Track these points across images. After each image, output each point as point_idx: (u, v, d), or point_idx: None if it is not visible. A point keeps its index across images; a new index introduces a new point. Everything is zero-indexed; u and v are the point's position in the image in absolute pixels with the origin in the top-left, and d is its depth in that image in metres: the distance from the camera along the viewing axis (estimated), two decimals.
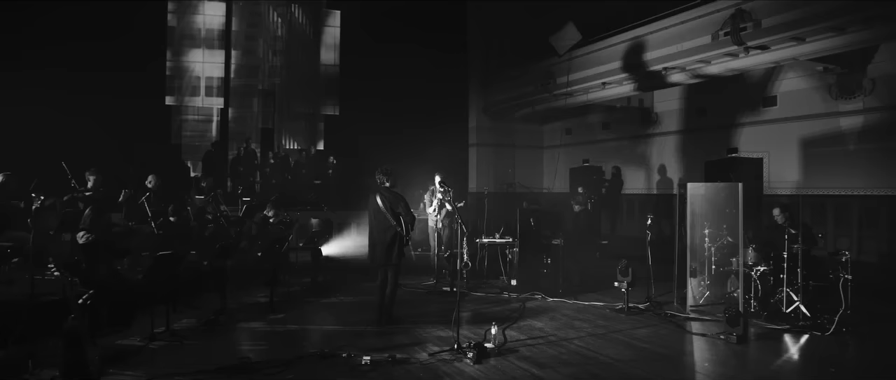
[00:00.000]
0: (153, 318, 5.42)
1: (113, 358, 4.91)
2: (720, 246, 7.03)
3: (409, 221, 6.23)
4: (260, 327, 6.07)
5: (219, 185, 12.56)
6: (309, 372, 4.70)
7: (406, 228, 6.22)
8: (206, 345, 5.39)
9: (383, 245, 6.20)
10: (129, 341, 5.36)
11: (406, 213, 6.22)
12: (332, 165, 14.95)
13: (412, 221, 6.30)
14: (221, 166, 14.00)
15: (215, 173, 13.52)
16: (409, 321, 6.40)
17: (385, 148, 15.06)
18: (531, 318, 6.61)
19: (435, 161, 15.47)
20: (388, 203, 6.21)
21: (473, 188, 17.47)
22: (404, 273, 8.51)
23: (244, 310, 6.83)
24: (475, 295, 7.96)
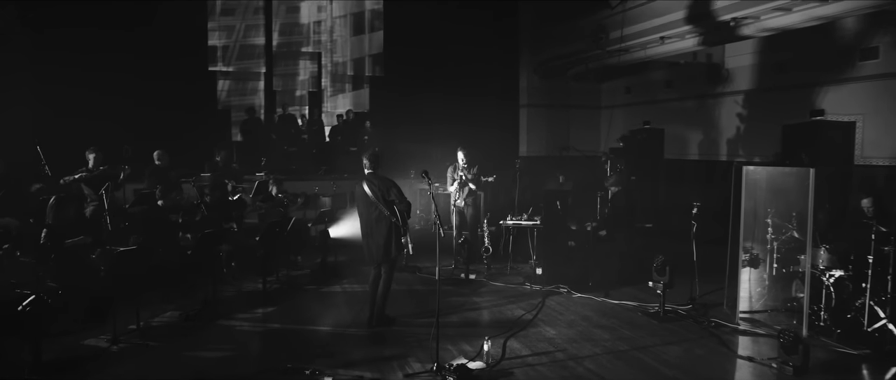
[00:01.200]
0: (138, 313, 5.07)
1: (64, 363, 4.55)
2: (786, 240, 5.73)
3: (404, 209, 5.43)
4: (238, 325, 5.58)
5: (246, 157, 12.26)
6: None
7: (401, 218, 5.43)
8: (169, 349, 4.93)
9: (378, 238, 5.46)
10: (96, 341, 4.98)
11: (400, 200, 5.42)
12: (367, 130, 14.34)
13: (408, 209, 5.50)
14: (259, 135, 13.71)
15: (248, 142, 13.28)
16: (404, 321, 5.71)
17: (431, 111, 14.32)
18: (545, 322, 5.71)
19: (483, 123, 14.66)
20: (378, 191, 5.43)
21: (524, 152, 16.45)
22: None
23: (237, 300, 6.40)
24: (494, 285, 7.13)
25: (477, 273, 7.63)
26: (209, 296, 6.00)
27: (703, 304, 6.07)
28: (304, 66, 19.70)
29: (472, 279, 7.37)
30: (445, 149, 13.47)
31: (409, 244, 5.40)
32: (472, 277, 7.44)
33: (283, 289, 6.86)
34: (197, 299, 5.99)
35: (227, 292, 6.64)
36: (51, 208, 5.29)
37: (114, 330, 4.95)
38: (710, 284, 6.19)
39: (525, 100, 16.46)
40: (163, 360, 4.72)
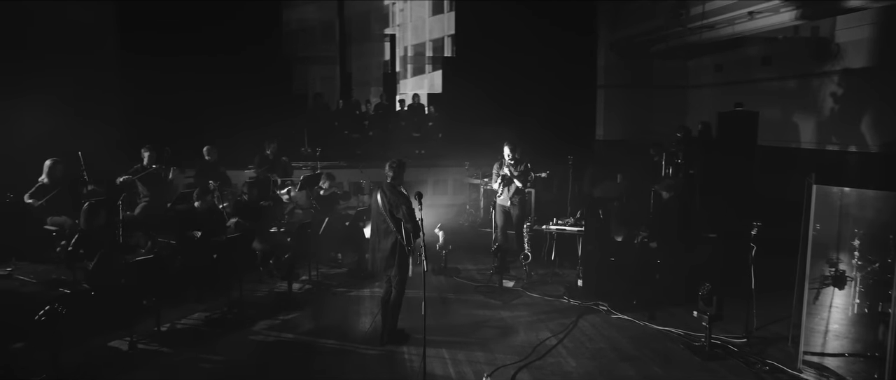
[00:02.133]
0: (157, 316, 5.27)
1: (83, 367, 4.77)
2: (871, 272, 4.70)
3: (410, 229, 5.12)
4: (255, 333, 5.58)
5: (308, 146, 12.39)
6: None
7: (406, 237, 5.13)
8: (181, 358, 5.02)
9: (382, 253, 5.23)
10: (119, 343, 5.19)
11: (407, 219, 5.11)
12: (432, 115, 14.07)
13: (415, 230, 5.17)
14: (324, 121, 13.88)
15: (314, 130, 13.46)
16: (416, 340, 5.41)
17: (504, 93, 13.75)
18: (569, 350, 5.18)
19: (557, 106, 13.87)
20: (387, 205, 5.15)
21: (601, 135, 15.44)
22: (465, 257, 7.51)
23: (265, 302, 6.45)
24: (529, 297, 6.63)
25: (517, 280, 7.17)
26: (234, 299, 6.08)
27: (763, 338, 5.22)
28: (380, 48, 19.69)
29: (510, 288, 6.92)
30: (518, 132, 12.97)
31: (424, 262, 5.02)
32: (509, 285, 7.00)
33: (313, 291, 6.83)
34: (226, 301, 6.10)
35: (259, 293, 6.73)
36: (83, 214, 5.55)
37: (130, 331, 5.12)
38: (782, 308, 5.29)
39: (603, 80, 15.35)
40: (171, 369, 4.81)
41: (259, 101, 12.46)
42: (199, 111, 11.03)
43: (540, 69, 13.75)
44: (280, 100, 13.56)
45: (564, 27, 13.72)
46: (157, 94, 11.12)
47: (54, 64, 8.74)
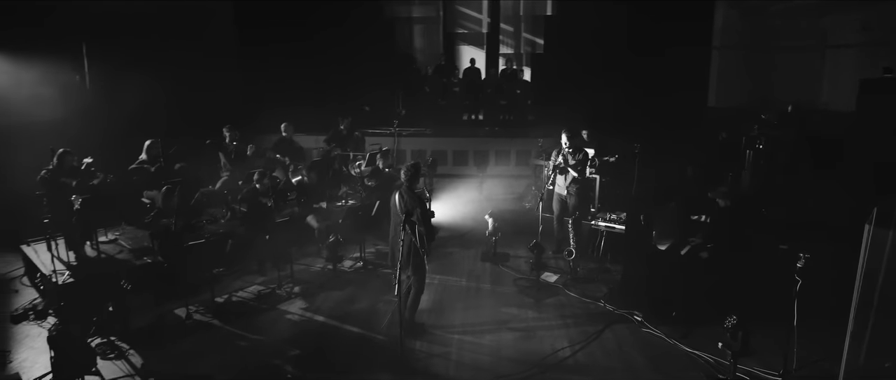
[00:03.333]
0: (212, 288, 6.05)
1: (148, 331, 5.61)
2: None
3: (423, 232, 5.20)
4: (291, 313, 6.10)
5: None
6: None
7: (420, 240, 5.23)
8: (223, 332, 5.69)
9: (398, 251, 5.39)
10: (181, 311, 6.00)
11: (421, 221, 5.19)
12: (521, 82, 13.63)
13: (429, 233, 5.25)
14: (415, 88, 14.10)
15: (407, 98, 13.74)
16: (438, 330, 5.61)
17: (608, 54, 12.96)
18: (578, 366, 5.03)
19: (664, 68, 12.77)
20: (404, 206, 5.26)
21: (713, 102, 14.03)
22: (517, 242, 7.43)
23: (315, 279, 6.95)
24: (567, 296, 6.45)
25: (561, 274, 6.99)
26: (284, 276, 6.69)
27: (806, 377, 4.62)
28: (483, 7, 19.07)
29: (550, 283, 6.77)
30: (621, 97, 12.24)
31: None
32: (551, 280, 6.85)
33: (359, 271, 7.23)
34: (277, 277, 6.72)
35: (313, 268, 7.29)
36: (161, 196, 6.38)
37: (189, 304, 5.91)
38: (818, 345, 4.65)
39: (718, 41, 13.77)
40: (213, 341, 5.49)
41: (363, 65, 13.13)
42: (308, 77, 12.08)
43: (650, 26, 12.64)
44: (381, 64, 14.00)
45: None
46: (271, 68, 12.28)
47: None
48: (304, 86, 12.71)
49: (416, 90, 13.82)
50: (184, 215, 6.52)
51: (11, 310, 6.09)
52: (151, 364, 5.09)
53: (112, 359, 5.19)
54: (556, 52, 14.20)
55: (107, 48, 9.24)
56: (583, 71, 13.31)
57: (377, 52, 13.96)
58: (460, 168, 12.50)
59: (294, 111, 9.70)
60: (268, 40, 12.42)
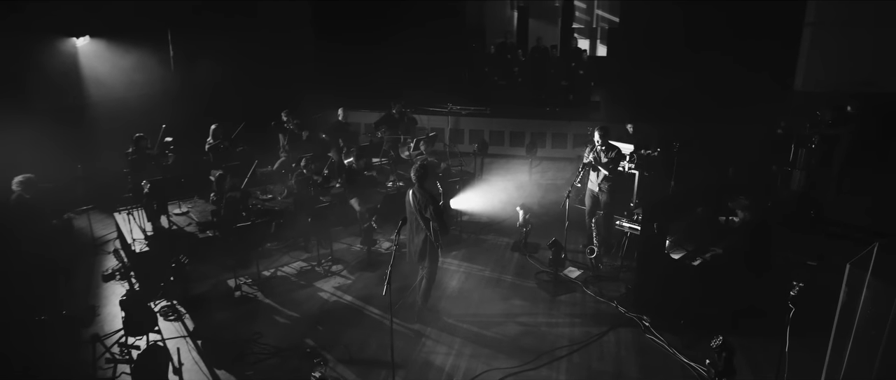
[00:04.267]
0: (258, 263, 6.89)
1: (203, 298, 6.52)
2: None
3: (437, 228, 5.59)
4: (318, 293, 6.74)
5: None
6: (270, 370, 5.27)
7: (435, 235, 5.63)
8: (262, 305, 6.48)
9: (415, 246, 5.84)
10: (233, 281, 6.87)
11: (435, 218, 5.57)
12: (584, 62, 13.37)
13: (443, 229, 5.62)
14: (476, 65, 14.26)
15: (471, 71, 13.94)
16: (450, 319, 6.05)
17: (690, 30, 12.42)
18: (569, 367, 5.27)
19: (750, 46, 12.02)
20: (418, 204, 5.67)
21: (800, 86, 13.03)
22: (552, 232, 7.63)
23: (356, 259, 7.59)
24: (583, 293, 6.62)
25: (584, 270, 7.14)
26: (324, 254, 7.39)
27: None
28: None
29: (571, 278, 6.96)
30: (691, 79, 11.75)
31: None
32: (573, 276, 7.03)
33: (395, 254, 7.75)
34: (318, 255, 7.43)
35: (354, 247, 7.94)
36: (215, 181, 7.23)
37: (239, 276, 6.76)
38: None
39: (813, 17, 12.62)
40: (252, 312, 6.29)
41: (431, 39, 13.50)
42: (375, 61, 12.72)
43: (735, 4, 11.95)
44: (451, 39, 14.29)
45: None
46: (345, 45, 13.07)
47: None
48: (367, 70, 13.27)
49: (479, 69, 13.96)
50: (234, 200, 7.33)
51: (103, 270, 7.27)
52: (201, 328, 5.97)
53: (172, 321, 6.13)
54: (632, 29, 13.65)
55: (188, 36, 10.27)
56: (658, 50, 12.78)
57: (444, 28, 14.23)
58: (516, 149, 12.64)
59: (357, 92, 10.29)
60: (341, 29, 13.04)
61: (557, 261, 6.72)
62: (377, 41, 13.43)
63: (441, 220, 5.61)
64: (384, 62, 13.57)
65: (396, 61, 13.52)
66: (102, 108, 9.58)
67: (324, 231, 7.51)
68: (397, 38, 13.36)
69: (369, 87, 13.05)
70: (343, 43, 13.52)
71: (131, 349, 5.54)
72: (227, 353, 5.50)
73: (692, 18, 12.53)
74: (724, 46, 12.33)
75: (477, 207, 8.91)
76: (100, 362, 5.37)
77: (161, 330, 5.79)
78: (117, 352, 5.51)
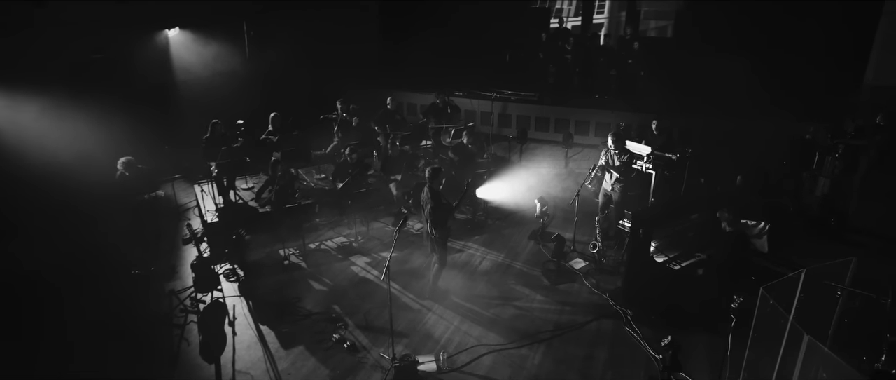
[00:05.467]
0: (303, 238, 8.13)
1: (256, 266, 7.86)
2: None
3: (435, 220, 6.50)
4: (351, 267, 7.85)
5: None
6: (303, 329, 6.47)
7: (431, 229, 6.56)
8: (303, 273, 7.71)
9: (426, 232, 6.78)
10: (284, 251, 8.17)
11: (430, 215, 6.51)
12: (635, 52, 13.44)
13: (439, 222, 6.52)
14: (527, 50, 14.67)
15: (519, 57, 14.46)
16: (455, 298, 6.98)
17: (756, 18, 12.27)
18: (547, 349, 6.06)
19: (817, 36, 11.73)
20: (423, 201, 6.59)
21: (871, 80, 12.55)
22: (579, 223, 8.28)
23: (384, 238, 8.67)
24: (582, 284, 7.32)
25: (588, 262, 7.80)
26: (361, 232, 8.51)
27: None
28: None
29: (575, 269, 7.64)
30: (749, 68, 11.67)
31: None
32: (577, 267, 7.72)
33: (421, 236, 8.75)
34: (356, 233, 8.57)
35: (387, 228, 9.00)
36: (270, 166, 8.48)
37: (288, 247, 8.03)
38: None
39: (892, 5, 12.01)
40: (295, 280, 7.53)
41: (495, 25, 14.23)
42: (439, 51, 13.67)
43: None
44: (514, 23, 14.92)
45: None
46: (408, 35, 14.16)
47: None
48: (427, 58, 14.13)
49: (531, 56, 14.40)
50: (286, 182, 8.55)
51: (183, 235, 8.81)
52: (253, 290, 7.29)
53: (232, 282, 7.51)
54: (699, 14, 13.44)
55: (261, 30, 11.58)
56: (721, 37, 12.58)
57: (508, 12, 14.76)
58: (559, 136, 13.11)
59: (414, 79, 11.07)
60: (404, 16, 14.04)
61: (559, 253, 7.43)
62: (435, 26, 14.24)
63: (440, 218, 6.50)
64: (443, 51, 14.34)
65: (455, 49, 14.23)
66: (188, 92, 11.14)
67: (362, 212, 8.61)
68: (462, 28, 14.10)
69: (426, 73, 13.94)
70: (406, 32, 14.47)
71: (199, 303, 6.93)
72: (271, 312, 6.76)
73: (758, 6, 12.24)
74: (790, 36, 12.01)
75: (503, 196, 9.65)
76: (176, 312, 6.81)
77: (222, 289, 7.15)
78: (189, 304, 6.92)
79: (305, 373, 5.73)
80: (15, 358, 5.86)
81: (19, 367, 5.77)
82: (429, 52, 13.99)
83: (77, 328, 6.35)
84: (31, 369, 5.77)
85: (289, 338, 6.29)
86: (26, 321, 6.51)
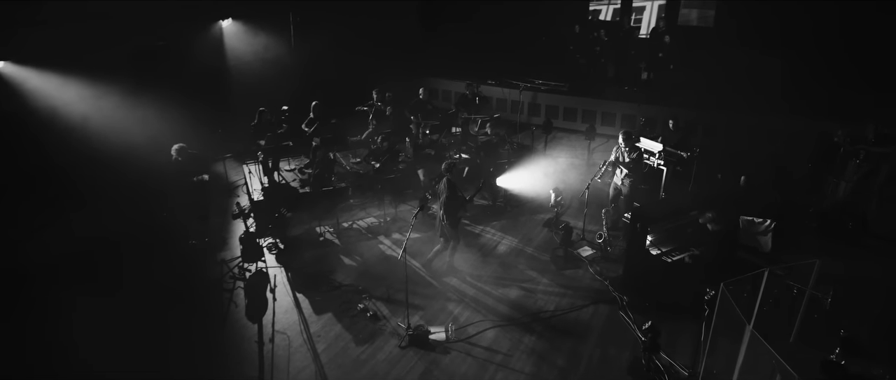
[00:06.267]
0: (337, 217, 9.07)
1: (295, 240, 8.84)
2: None
3: (448, 209, 7.27)
4: (378, 245, 8.73)
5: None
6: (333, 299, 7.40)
7: (444, 217, 7.33)
8: (334, 248, 8.63)
9: (439, 222, 7.56)
10: (321, 228, 9.13)
11: (443, 205, 7.27)
12: (665, 46, 13.65)
13: (450, 212, 7.29)
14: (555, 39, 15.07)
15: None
16: (466, 278, 7.76)
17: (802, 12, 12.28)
18: (543, 328, 6.78)
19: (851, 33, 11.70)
20: (443, 188, 7.35)
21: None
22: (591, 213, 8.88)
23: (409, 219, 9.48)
24: (587, 271, 7.96)
25: (595, 251, 8.42)
26: (388, 213, 9.37)
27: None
28: None
29: (582, 257, 8.28)
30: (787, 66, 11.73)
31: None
32: (585, 254, 8.35)
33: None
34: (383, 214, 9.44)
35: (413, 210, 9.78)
36: (312, 151, 9.40)
37: (321, 225, 8.98)
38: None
39: None
40: (326, 256, 8.46)
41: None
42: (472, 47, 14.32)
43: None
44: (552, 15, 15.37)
45: None
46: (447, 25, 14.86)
47: None
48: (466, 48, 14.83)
49: (563, 47, 14.79)
50: (324, 167, 9.46)
51: (232, 210, 9.88)
52: (292, 262, 8.27)
53: (274, 254, 8.51)
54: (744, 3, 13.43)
55: (305, 21, 12.45)
56: (765, 30, 12.55)
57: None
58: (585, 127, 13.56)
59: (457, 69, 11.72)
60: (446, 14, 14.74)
61: (567, 241, 8.09)
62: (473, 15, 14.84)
63: (450, 208, 7.25)
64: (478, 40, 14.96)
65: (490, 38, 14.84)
66: (239, 79, 12.18)
67: (392, 196, 9.46)
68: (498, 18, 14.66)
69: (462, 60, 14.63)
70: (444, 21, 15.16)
71: (245, 272, 7.96)
72: (307, 282, 7.72)
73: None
74: (832, 32, 11.88)
75: (522, 185, 10.30)
76: (226, 278, 7.86)
77: (265, 260, 8.16)
78: (236, 272, 7.96)
79: (333, 336, 6.65)
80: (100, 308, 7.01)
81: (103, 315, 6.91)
82: (465, 41, 14.64)
83: (147, 288, 7.47)
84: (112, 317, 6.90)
85: (320, 305, 7.23)
86: (103, 277, 7.67)
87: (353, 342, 6.54)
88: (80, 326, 6.62)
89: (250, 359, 6.30)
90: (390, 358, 6.27)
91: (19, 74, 8.85)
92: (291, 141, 10.21)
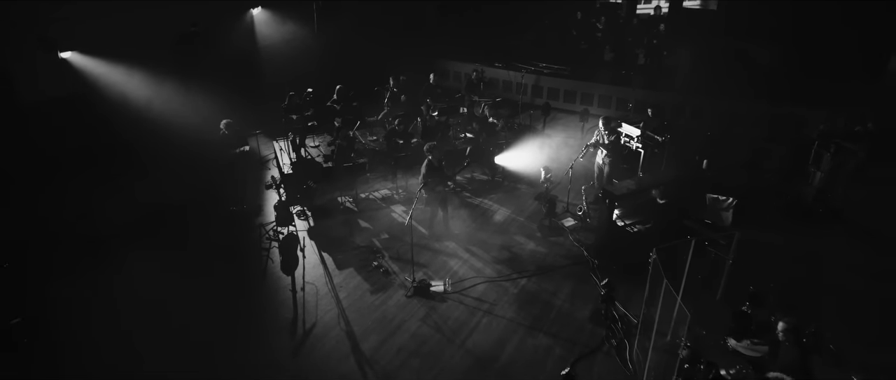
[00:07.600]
0: (356, 190, 10.54)
1: (320, 210, 10.33)
2: None
3: (426, 183, 8.68)
4: (391, 214, 10.18)
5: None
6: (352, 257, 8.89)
7: (425, 190, 8.74)
8: (350, 217, 10.11)
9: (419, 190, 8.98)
10: (342, 198, 10.61)
11: (421, 178, 8.70)
12: (658, 33, 14.64)
13: (428, 187, 8.70)
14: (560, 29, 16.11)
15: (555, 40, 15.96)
16: (459, 240, 9.19)
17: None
18: (526, 283, 8.22)
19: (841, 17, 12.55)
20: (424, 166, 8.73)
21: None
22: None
23: None
24: (567, 238, 9.33)
25: (577, 221, 9.78)
26: (400, 185, 10.80)
27: None
28: None
29: (565, 227, 9.65)
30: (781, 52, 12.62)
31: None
32: (567, 225, 9.72)
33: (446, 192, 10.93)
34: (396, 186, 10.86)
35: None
36: (335, 131, 10.80)
37: (342, 195, 10.46)
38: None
39: None
40: (343, 223, 9.93)
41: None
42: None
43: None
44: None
45: None
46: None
47: None
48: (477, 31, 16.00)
49: (565, 32, 15.85)
50: (343, 146, 10.86)
51: (266, 182, 11.39)
52: (318, 227, 9.78)
53: (303, 219, 10.02)
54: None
55: (328, 9, 13.72)
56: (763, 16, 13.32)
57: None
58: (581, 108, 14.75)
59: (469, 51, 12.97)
60: None
61: (551, 212, 9.46)
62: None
63: (429, 182, 8.62)
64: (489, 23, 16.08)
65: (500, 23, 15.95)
66: (268, 62, 13.57)
67: (403, 171, 10.88)
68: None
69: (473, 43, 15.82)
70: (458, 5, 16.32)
71: (279, 234, 9.49)
72: (330, 244, 9.23)
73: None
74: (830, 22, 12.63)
75: (518, 163, 11.62)
76: (263, 239, 9.40)
77: (296, 225, 9.67)
78: (271, 234, 9.50)
79: (352, 287, 8.17)
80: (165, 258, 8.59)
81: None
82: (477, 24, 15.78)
83: (203, 245, 9.06)
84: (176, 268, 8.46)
85: (342, 262, 8.74)
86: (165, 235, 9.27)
87: (368, 292, 8.04)
88: (154, 277, 8.17)
89: (287, 304, 7.85)
90: (398, 304, 7.78)
91: (85, 64, 10.35)
92: (317, 120, 11.61)
